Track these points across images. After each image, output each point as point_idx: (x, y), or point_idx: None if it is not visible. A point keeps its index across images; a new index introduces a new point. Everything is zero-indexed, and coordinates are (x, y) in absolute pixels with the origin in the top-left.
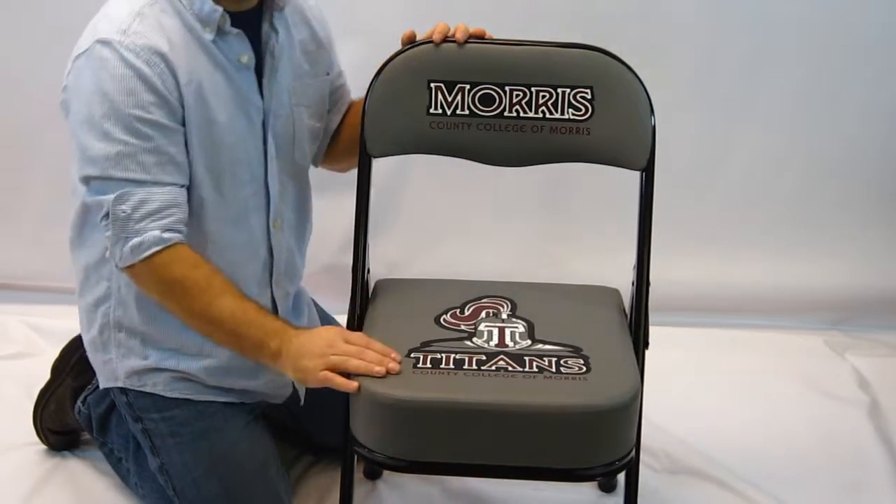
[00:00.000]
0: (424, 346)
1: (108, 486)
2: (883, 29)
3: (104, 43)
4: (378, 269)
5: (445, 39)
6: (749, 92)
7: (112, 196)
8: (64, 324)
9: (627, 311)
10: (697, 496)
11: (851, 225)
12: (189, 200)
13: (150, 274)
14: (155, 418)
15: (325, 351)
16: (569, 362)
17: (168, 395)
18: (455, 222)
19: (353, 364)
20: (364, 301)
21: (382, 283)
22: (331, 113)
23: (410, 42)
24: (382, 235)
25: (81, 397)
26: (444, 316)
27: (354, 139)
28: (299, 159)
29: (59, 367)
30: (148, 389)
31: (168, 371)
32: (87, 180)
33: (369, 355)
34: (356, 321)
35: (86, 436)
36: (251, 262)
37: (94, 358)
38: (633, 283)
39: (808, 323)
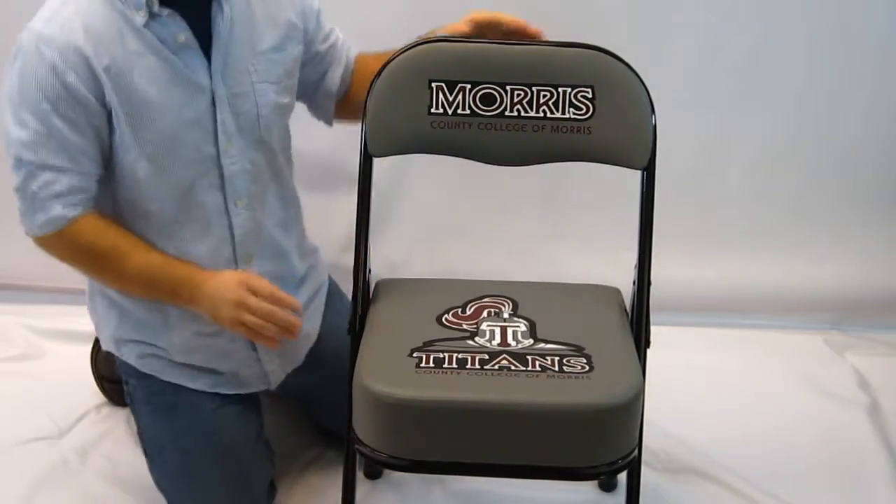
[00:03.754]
0: (427, 346)
1: (108, 486)
2: (883, 29)
3: (29, 31)
4: (378, 269)
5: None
6: (749, 92)
7: (23, 173)
8: (64, 324)
9: (628, 310)
10: (697, 495)
11: (852, 225)
12: (122, 180)
13: (60, 245)
14: (134, 384)
15: (237, 309)
16: (571, 361)
17: (140, 368)
18: (455, 222)
19: (261, 338)
20: (365, 301)
21: (383, 284)
22: (329, 72)
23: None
24: (383, 235)
25: None
26: (446, 315)
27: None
28: (266, 136)
29: None
30: (125, 359)
31: (140, 344)
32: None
33: (270, 329)
34: (357, 321)
35: None
36: (205, 241)
37: (91, 318)
38: (634, 283)
39: (808, 323)
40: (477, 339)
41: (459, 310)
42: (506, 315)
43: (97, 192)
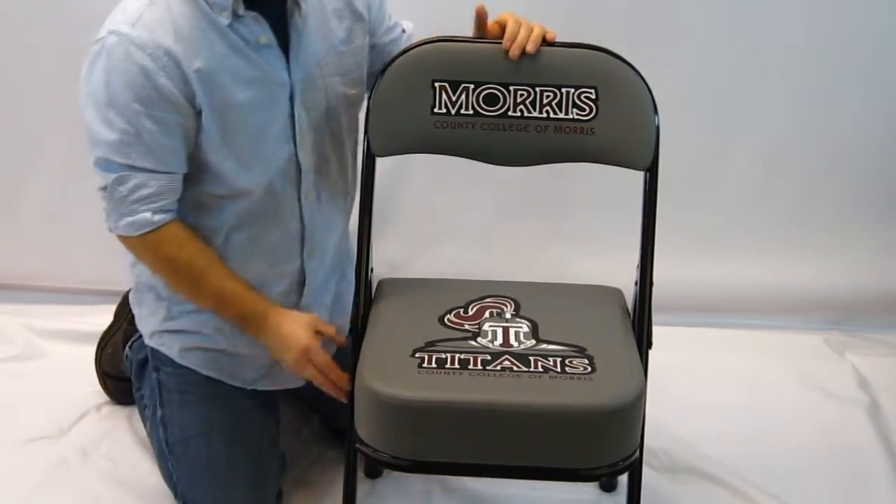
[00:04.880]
0: (429, 346)
1: (108, 486)
2: (882, 29)
3: (115, 34)
4: (379, 269)
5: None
6: (749, 92)
7: (112, 176)
8: (64, 324)
9: (630, 310)
10: (697, 495)
11: (851, 225)
12: (207, 176)
13: (142, 248)
14: (169, 371)
15: (299, 359)
16: (573, 362)
17: (179, 361)
18: (457, 222)
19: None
20: (367, 301)
21: (386, 283)
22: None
23: (483, 24)
24: (384, 235)
25: (129, 343)
26: (448, 316)
27: None
28: (335, 129)
29: (119, 312)
30: (164, 350)
31: (185, 335)
32: (92, 156)
33: (328, 385)
34: (360, 321)
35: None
36: (275, 232)
37: (134, 311)
38: (636, 283)
39: (808, 323)
40: (479, 339)
41: (462, 310)
42: (508, 315)
43: (182, 191)
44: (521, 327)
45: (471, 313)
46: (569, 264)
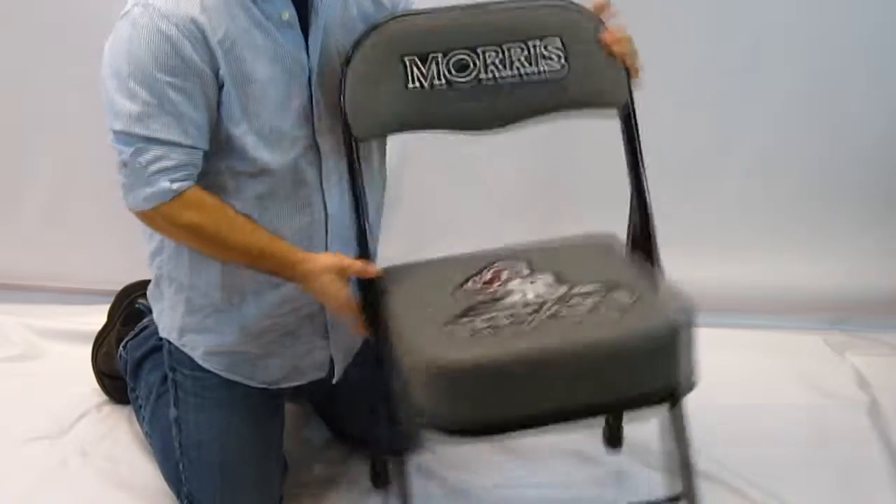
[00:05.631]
0: (469, 312)
1: (108, 486)
2: (881, 29)
3: (140, 5)
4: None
5: None
6: (749, 92)
7: (132, 149)
8: (64, 324)
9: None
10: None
11: (851, 225)
12: (232, 154)
13: (162, 220)
14: (186, 374)
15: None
16: (615, 295)
17: (201, 363)
18: (456, 220)
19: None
20: (374, 289)
21: (391, 270)
22: None
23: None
24: (383, 233)
25: (123, 343)
26: (467, 284)
27: None
28: None
29: (111, 312)
30: (187, 351)
31: (207, 335)
32: (112, 131)
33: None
34: (368, 309)
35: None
36: (298, 219)
37: (153, 307)
38: (630, 222)
39: (808, 323)
40: (512, 297)
41: (477, 276)
42: (525, 272)
43: (202, 167)
44: (545, 278)
45: (488, 277)
46: None
